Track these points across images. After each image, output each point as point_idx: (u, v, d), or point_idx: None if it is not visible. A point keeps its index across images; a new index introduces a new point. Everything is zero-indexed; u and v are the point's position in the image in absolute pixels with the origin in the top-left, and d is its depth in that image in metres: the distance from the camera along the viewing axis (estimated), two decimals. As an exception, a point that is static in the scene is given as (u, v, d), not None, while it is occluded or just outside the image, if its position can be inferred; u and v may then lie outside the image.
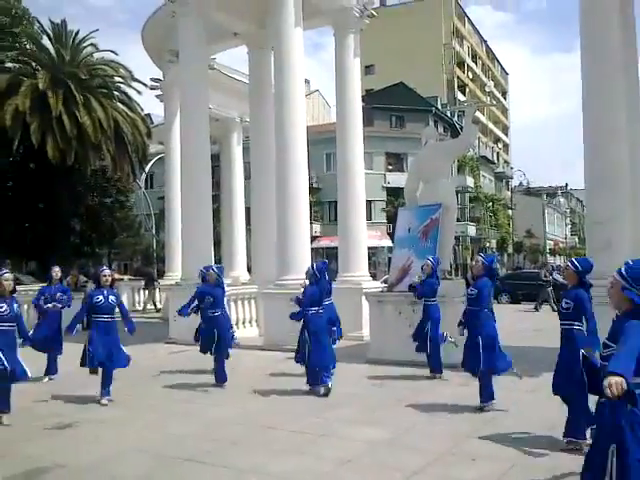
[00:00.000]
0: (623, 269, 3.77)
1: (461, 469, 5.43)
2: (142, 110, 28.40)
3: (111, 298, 8.34)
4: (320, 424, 7.05)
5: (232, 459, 5.82)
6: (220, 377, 9.09)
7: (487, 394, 7.38)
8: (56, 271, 10.51)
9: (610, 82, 10.29)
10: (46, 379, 9.80)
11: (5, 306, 7.09)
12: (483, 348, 7.26)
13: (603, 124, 10.31)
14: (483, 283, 7.57)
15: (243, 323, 14.61)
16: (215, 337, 9.04)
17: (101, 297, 8.26)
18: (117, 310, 8.55)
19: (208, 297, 9.16)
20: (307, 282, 8.82)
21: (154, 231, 33.20)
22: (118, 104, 26.70)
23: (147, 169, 31.71)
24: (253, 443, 6.35)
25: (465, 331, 7.80)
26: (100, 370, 8.24)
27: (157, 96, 22.72)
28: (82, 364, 8.25)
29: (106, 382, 8.21)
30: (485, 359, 7.26)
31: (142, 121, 27.43)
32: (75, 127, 23.43)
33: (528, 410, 7.27)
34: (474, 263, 7.93)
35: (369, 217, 27.92)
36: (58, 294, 10.25)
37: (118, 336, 8.38)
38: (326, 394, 8.27)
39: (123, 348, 8.41)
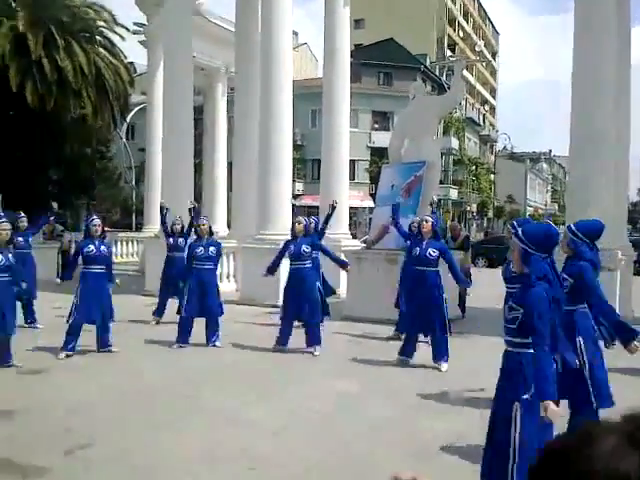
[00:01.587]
0: (520, 231, 3.71)
1: (429, 421, 5.54)
2: (125, 58, 27.70)
3: (102, 248, 8.14)
4: (293, 375, 7.16)
5: (204, 404, 5.91)
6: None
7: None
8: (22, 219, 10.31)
9: (602, 49, 10.22)
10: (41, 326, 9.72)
11: (0, 256, 7.00)
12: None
13: (592, 89, 10.30)
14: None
15: (220, 277, 14.59)
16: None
17: (92, 247, 8.05)
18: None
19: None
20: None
21: (134, 183, 32.74)
22: (100, 50, 25.98)
23: (128, 119, 31.06)
24: (225, 390, 6.44)
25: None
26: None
27: (140, 42, 22.16)
28: (68, 320, 7.95)
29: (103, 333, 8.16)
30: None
31: (125, 69, 26.76)
32: (55, 72, 22.79)
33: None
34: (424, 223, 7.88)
35: (352, 177, 27.73)
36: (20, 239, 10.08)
37: (108, 288, 8.20)
38: None
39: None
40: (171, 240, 10.48)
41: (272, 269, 8.71)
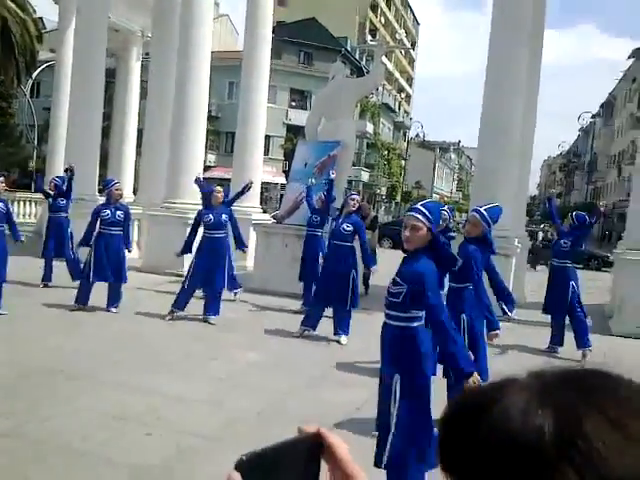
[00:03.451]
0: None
1: (332, 392, 5.68)
2: (35, 12, 26.17)
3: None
4: (195, 344, 7.13)
5: (113, 377, 5.69)
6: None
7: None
8: None
9: (516, 47, 10.64)
10: None
11: None
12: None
13: (503, 85, 10.71)
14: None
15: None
16: None
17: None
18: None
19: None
20: None
21: (36, 143, 31.05)
22: (8, 2, 24.41)
23: (34, 76, 29.40)
24: (128, 358, 6.31)
25: None
26: None
27: (51, -5, 20.92)
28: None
29: None
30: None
31: (33, 23, 25.31)
32: (-45, 19, 21.26)
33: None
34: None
35: (266, 152, 27.60)
36: None
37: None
38: None
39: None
40: (51, 200, 10.30)
41: (187, 249, 8.63)
